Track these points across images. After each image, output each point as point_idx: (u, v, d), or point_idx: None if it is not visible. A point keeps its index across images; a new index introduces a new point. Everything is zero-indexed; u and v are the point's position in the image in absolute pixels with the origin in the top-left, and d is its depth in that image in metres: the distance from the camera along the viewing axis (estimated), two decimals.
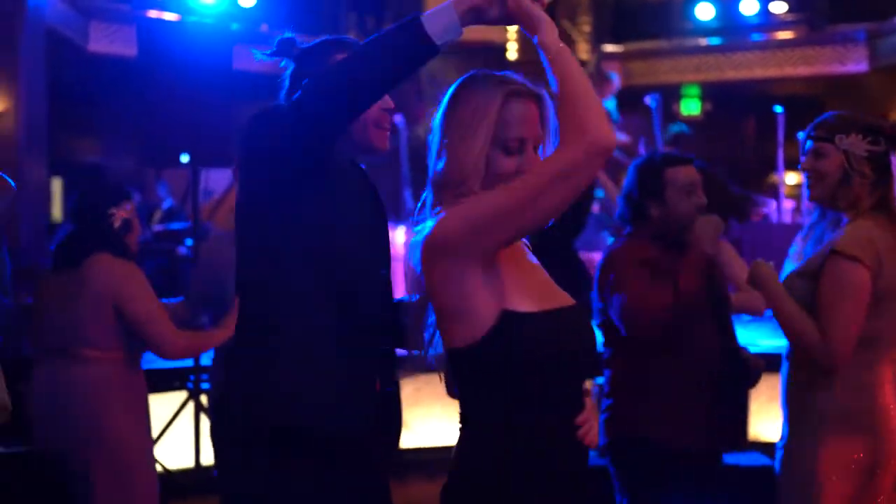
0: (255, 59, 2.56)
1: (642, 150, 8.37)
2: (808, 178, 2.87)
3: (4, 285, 3.89)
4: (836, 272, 2.71)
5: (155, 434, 5.28)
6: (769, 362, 3.44)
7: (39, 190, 9.77)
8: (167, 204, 10.78)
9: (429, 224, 1.97)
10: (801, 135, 2.97)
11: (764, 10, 13.68)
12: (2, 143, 9.06)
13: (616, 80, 8.95)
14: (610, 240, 9.56)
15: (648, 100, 7.88)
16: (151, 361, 5.70)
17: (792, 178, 11.42)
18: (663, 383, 3.20)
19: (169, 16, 12.64)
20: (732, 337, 3.34)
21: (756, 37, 13.86)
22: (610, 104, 9.29)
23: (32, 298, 3.91)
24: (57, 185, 16.03)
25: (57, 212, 15.63)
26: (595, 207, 10.18)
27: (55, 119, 10.29)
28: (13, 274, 5.15)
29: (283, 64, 2.54)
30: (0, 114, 9.10)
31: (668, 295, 3.10)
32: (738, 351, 3.34)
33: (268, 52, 2.50)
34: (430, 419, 6.45)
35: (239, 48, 13.17)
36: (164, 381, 5.81)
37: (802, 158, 2.88)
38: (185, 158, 11.84)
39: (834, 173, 2.80)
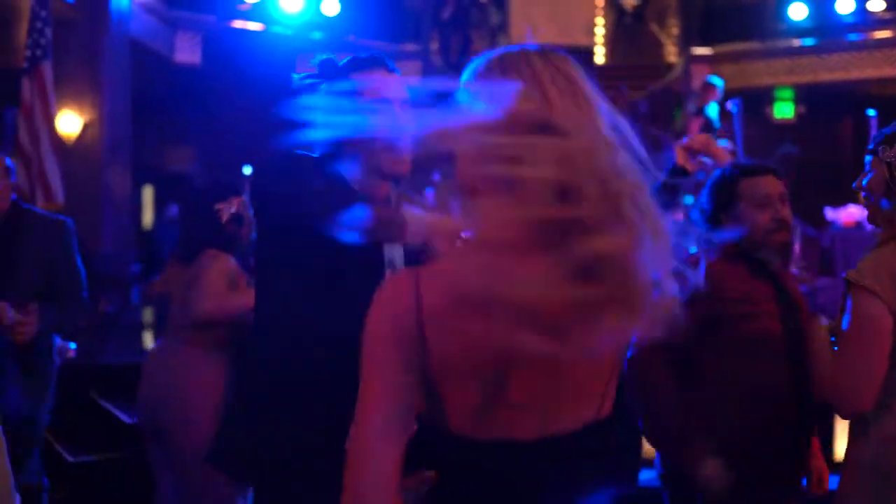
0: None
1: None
2: (863, 196, 2.54)
3: (79, 290, 3.98)
4: (851, 304, 2.38)
5: None
6: None
7: (123, 199, 9.95)
8: None
9: None
10: None
11: (860, 9, 13.18)
12: (87, 154, 9.25)
13: (720, 87, 8.59)
14: (692, 248, 9.33)
15: (730, 105, 7.64)
16: None
17: None
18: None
19: (253, 25, 12.82)
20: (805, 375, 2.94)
21: (852, 37, 13.36)
22: (713, 110, 8.98)
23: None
24: (148, 194, 16.40)
25: (148, 219, 15.97)
26: (679, 215, 9.95)
27: (144, 129, 10.49)
28: (96, 280, 5.23)
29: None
30: (85, 125, 9.29)
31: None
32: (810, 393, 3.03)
33: (308, 75, 2.44)
34: None
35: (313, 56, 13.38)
36: None
37: None
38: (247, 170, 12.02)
39: (877, 188, 2.47)
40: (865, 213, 2.68)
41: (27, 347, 3.84)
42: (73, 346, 3.93)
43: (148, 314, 10.37)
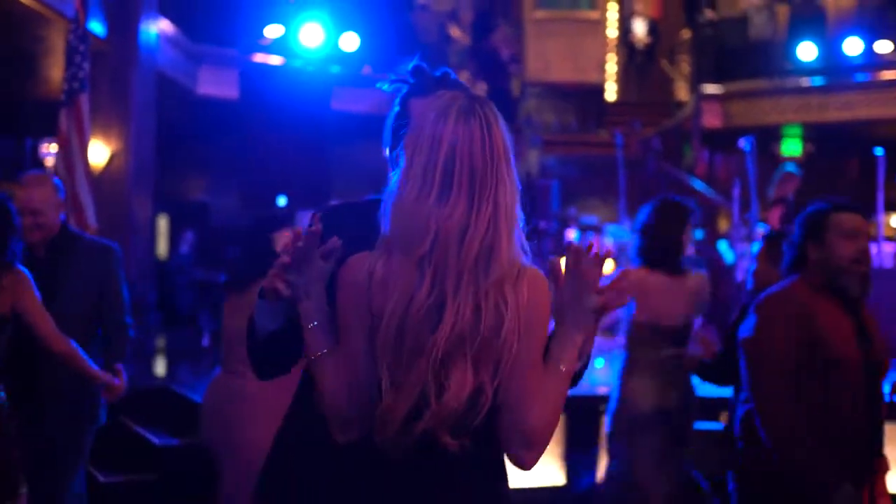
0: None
1: (736, 192, 8.31)
2: None
3: (123, 315, 4.14)
4: None
5: None
6: None
7: (147, 227, 10.15)
8: None
9: None
10: None
11: (868, 50, 13.43)
12: (113, 183, 9.47)
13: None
14: None
15: (743, 142, 7.82)
16: None
17: (894, 221, 11.14)
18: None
19: (274, 59, 13.09)
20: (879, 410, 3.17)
21: (860, 77, 13.60)
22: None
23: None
24: (163, 223, 16.60)
25: (163, 248, 16.17)
26: (690, 250, 10.12)
27: (162, 159, 10.72)
28: None
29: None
30: (112, 154, 9.51)
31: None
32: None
33: (394, 79, 2.35)
34: None
35: (339, 90, 13.63)
36: None
37: None
38: (282, 201, 12.24)
39: None
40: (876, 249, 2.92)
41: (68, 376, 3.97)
42: (122, 368, 4.05)
43: (167, 341, 10.57)
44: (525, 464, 1.89)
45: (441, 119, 1.85)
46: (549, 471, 6.64)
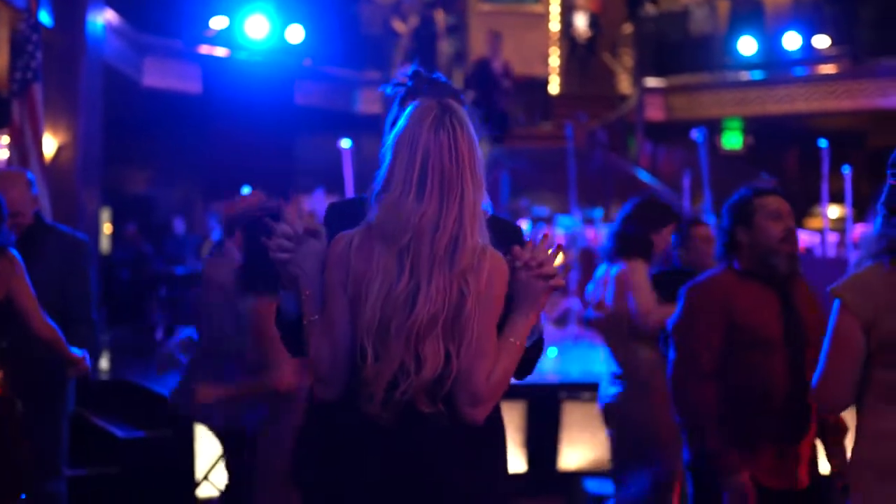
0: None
1: (686, 184, 8.46)
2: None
3: (89, 310, 4.11)
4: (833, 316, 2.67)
5: (211, 459, 5.45)
6: None
7: (93, 220, 10.01)
8: (217, 235, 10.98)
9: None
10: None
11: (807, 45, 13.75)
12: (62, 175, 9.31)
13: None
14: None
15: (695, 134, 7.96)
16: None
17: (835, 212, 11.42)
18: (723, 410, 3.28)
19: (220, 51, 12.99)
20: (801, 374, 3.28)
21: (799, 71, 13.93)
22: None
23: None
24: (105, 215, 16.36)
25: (105, 242, 15.94)
26: None
27: (108, 152, 10.58)
28: None
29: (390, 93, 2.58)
30: (60, 147, 9.36)
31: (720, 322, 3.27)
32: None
33: (395, 83, 2.57)
34: None
35: (298, 83, 13.56)
36: None
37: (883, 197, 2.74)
38: (246, 190, 12.14)
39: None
40: (813, 239, 3.07)
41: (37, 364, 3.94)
42: (85, 355, 4.01)
43: (115, 335, 10.44)
44: (473, 419, 2.18)
45: (417, 128, 2.17)
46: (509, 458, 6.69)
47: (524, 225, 10.04)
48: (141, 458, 5.76)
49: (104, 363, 8.18)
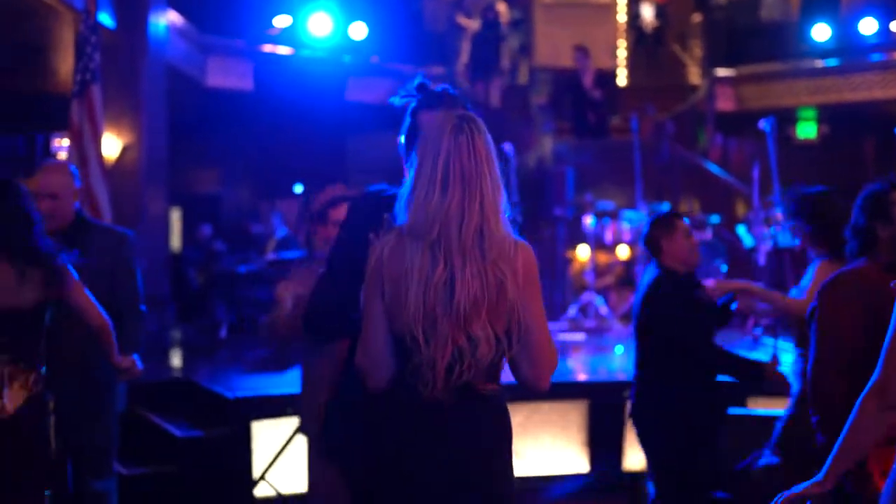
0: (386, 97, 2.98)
1: (755, 174, 8.21)
2: None
3: (137, 302, 4.10)
4: None
5: (268, 458, 5.41)
6: None
7: (159, 221, 10.10)
8: (281, 233, 11.00)
9: None
10: None
11: (884, 30, 13.28)
12: (126, 176, 9.41)
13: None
14: (723, 268, 9.39)
15: (763, 123, 7.69)
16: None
17: None
18: None
19: (283, 49, 13.01)
20: None
21: (875, 57, 13.46)
22: None
23: None
24: (176, 216, 16.55)
25: (176, 241, 16.12)
26: (708, 234, 10.03)
27: (174, 152, 10.65)
28: None
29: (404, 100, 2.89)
30: (124, 147, 9.46)
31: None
32: None
33: (403, 94, 2.88)
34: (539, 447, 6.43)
35: (353, 80, 13.54)
36: (277, 408, 5.91)
37: None
38: (298, 188, 12.16)
39: None
40: None
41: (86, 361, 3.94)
42: (136, 358, 3.98)
43: (182, 334, 10.53)
44: (543, 387, 2.51)
45: (440, 135, 2.45)
46: (571, 458, 6.59)
47: (588, 220, 9.86)
48: (199, 457, 5.75)
49: (168, 361, 8.22)
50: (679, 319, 4.36)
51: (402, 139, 2.86)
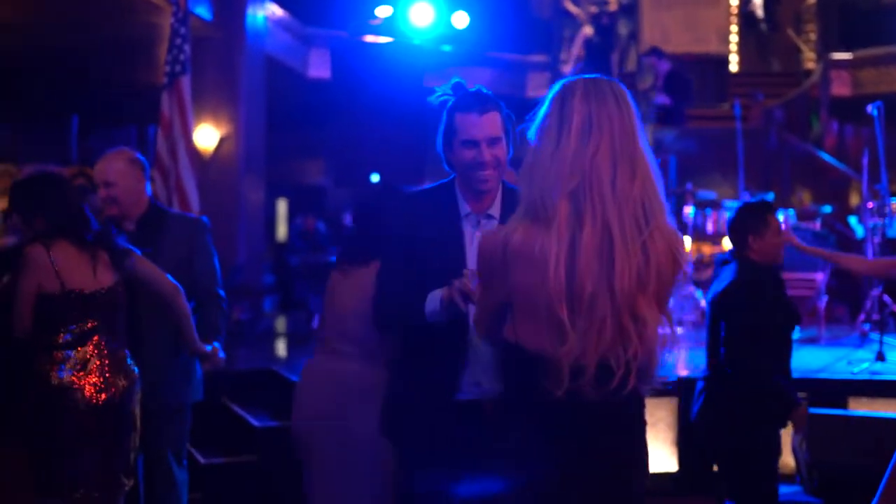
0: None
1: (865, 162, 7.80)
2: None
3: (215, 286, 4.12)
4: None
5: None
6: None
7: (257, 210, 10.22)
8: None
9: None
10: None
11: None
12: (224, 167, 9.55)
13: None
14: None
15: (870, 108, 7.30)
16: None
17: None
18: None
19: (385, 40, 13.02)
20: None
21: None
22: None
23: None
24: (282, 207, 16.81)
25: (283, 232, 16.36)
26: (816, 224, 9.63)
27: (278, 143, 10.77)
28: (231, 289, 5.35)
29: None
30: (222, 139, 9.60)
31: None
32: None
33: (439, 94, 2.92)
34: None
35: (454, 70, 13.48)
36: None
37: None
38: (375, 178, 12.19)
39: None
40: None
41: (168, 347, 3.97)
42: (218, 346, 3.98)
43: (280, 323, 10.64)
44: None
45: (569, 98, 2.12)
46: (660, 456, 6.39)
47: (688, 210, 9.55)
48: (276, 447, 5.75)
49: (259, 350, 8.29)
50: (759, 315, 4.08)
51: (439, 139, 2.90)
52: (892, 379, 5.84)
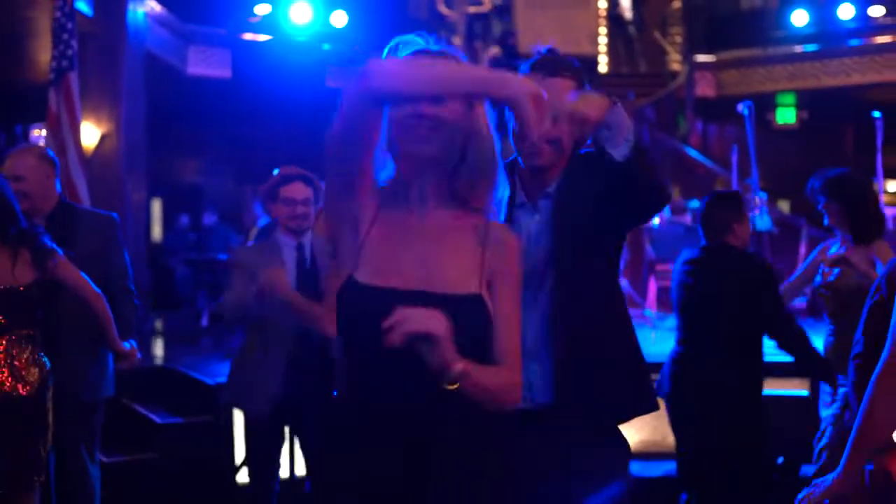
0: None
1: (734, 159, 8.23)
2: None
3: (127, 282, 4.11)
4: None
5: None
6: None
7: (139, 210, 10.06)
8: (263, 221, 10.97)
9: None
10: None
11: (862, 15, 13.37)
12: (105, 165, 9.37)
13: None
14: None
15: (741, 107, 7.71)
16: None
17: (893, 186, 11.09)
18: None
19: (264, 38, 12.98)
20: None
21: (854, 42, 13.53)
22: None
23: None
24: (157, 206, 16.48)
25: (158, 232, 16.05)
26: (687, 219, 10.06)
27: (155, 141, 10.61)
28: None
29: None
30: (103, 136, 9.42)
31: None
32: None
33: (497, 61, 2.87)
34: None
35: (333, 68, 13.53)
36: None
37: None
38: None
39: None
40: None
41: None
42: (134, 344, 3.99)
43: (158, 323, 10.51)
44: None
45: None
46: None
47: None
48: (179, 444, 5.75)
49: (148, 350, 8.20)
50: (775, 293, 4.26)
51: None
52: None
